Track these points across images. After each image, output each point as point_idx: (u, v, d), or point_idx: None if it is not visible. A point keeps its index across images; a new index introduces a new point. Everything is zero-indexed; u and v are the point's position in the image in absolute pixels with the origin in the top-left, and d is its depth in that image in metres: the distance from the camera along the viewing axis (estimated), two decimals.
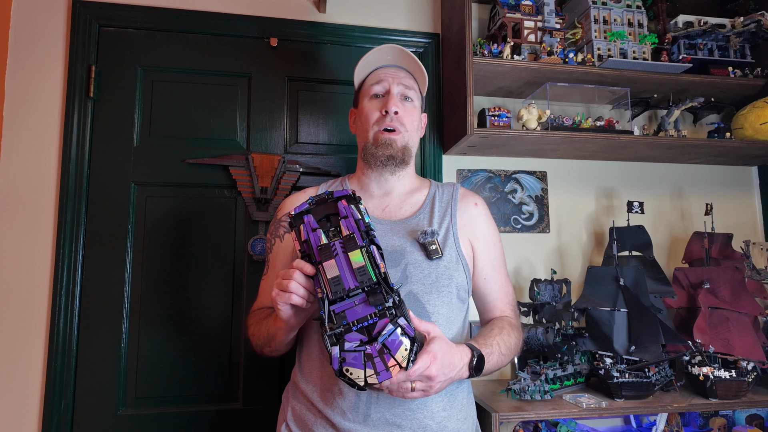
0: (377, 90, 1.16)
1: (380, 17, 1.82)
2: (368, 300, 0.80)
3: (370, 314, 0.79)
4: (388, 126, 1.12)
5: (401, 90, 1.16)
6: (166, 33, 1.68)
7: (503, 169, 1.85)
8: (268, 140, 1.70)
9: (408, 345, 0.78)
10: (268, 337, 1.03)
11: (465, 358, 0.94)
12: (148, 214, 1.61)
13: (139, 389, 1.54)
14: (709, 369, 1.42)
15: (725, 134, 1.76)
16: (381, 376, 0.77)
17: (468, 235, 1.14)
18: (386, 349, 0.77)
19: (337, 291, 0.80)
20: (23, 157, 1.56)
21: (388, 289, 0.80)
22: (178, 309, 1.59)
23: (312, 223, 0.86)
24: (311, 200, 0.89)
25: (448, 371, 0.88)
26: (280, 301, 0.87)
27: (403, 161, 1.14)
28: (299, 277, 0.86)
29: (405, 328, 0.79)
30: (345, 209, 0.87)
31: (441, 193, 1.20)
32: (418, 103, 1.19)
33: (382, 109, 1.13)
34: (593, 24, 1.71)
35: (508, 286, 1.19)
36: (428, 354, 0.84)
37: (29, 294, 1.51)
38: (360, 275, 0.80)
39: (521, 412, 1.30)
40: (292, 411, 1.08)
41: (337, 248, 0.82)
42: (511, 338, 1.08)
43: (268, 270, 1.19)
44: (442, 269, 1.06)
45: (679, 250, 1.87)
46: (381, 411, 0.98)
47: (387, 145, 1.12)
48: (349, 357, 0.77)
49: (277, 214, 1.22)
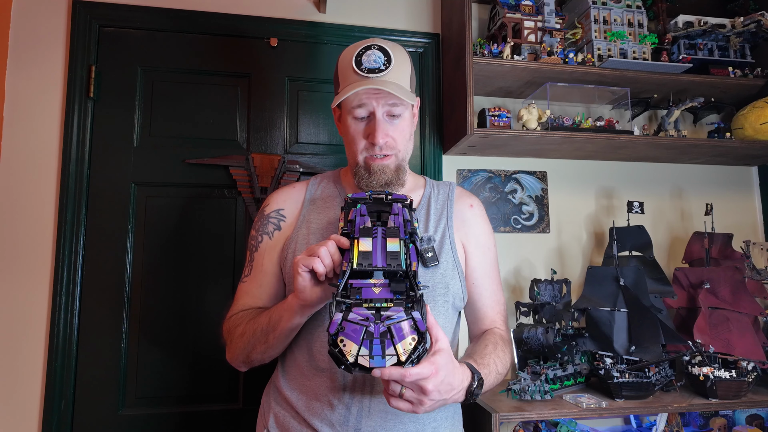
0: (360, 114, 1.02)
1: (380, 17, 1.82)
2: (389, 286, 0.77)
3: (386, 299, 0.76)
4: (378, 154, 1.03)
5: (387, 110, 1.02)
6: (166, 33, 1.68)
7: (503, 169, 1.85)
8: (268, 140, 1.70)
9: (414, 339, 0.72)
10: (266, 329, 0.95)
11: (465, 381, 0.85)
12: (148, 214, 1.61)
13: (139, 389, 1.54)
14: (709, 369, 1.42)
15: (725, 134, 1.76)
16: (374, 360, 0.70)
17: (461, 237, 1.10)
18: (390, 334, 0.71)
19: (363, 264, 0.77)
20: (23, 157, 1.56)
21: (413, 284, 0.77)
22: (178, 309, 1.59)
23: (363, 210, 0.88)
24: (370, 194, 0.92)
25: (445, 391, 0.79)
26: (302, 265, 0.83)
27: (398, 182, 1.06)
28: (332, 246, 0.83)
29: (417, 322, 0.73)
30: (398, 209, 0.89)
31: (437, 193, 1.15)
32: (407, 112, 1.06)
33: (368, 138, 1.02)
34: (593, 24, 1.71)
35: (499, 294, 1.13)
36: (431, 364, 0.75)
37: (29, 294, 1.51)
38: (391, 259, 0.78)
39: (521, 412, 1.30)
40: (275, 417, 1.02)
41: (378, 233, 0.82)
42: (506, 356, 1.03)
43: (251, 271, 1.09)
44: (439, 278, 1.02)
45: (679, 250, 1.87)
46: (372, 425, 0.93)
47: (380, 172, 1.03)
48: (349, 327, 0.72)
49: (264, 209, 1.13)
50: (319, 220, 1.08)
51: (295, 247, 1.05)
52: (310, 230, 1.07)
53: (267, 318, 0.96)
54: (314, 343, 0.99)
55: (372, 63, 1.00)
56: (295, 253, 1.05)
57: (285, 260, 1.06)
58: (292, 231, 1.09)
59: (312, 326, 0.99)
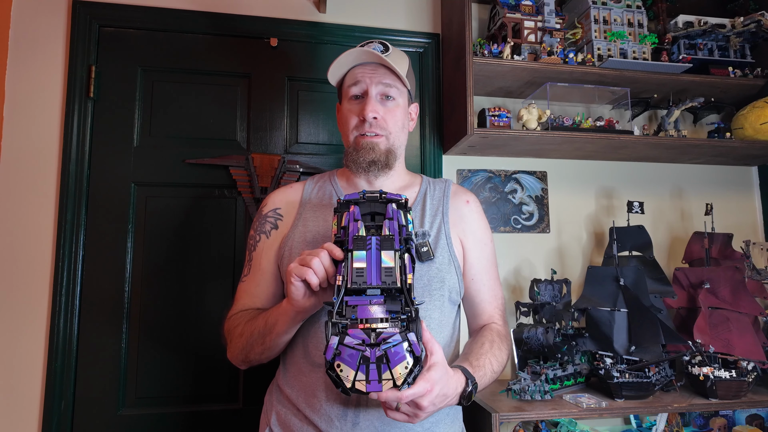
0: (355, 91, 1.08)
1: (380, 17, 1.82)
2: (385, 304, 0.76)
3: (382, 318, 0.75)
4: (368, 132, 1.06)
5: (381, 89, 1.07)
6: (166, 33, 1.68)
7: (503, 169, 1.85)
8: (268, 140, 1.70)
9: (410, 363, 0.73)
10: (263, 331, 0.97)
11: (459, 388, 0.88)
12: (148, 214, 1.61)
13: (139, 389, 1.54)
14: (709, 369, 1.42)
15: (725, 134, 1.76)
16: (371, 385, 0.72)
17: (458, 233, 1.10)
18: (386, 359, 0.72)
19: (358, 282, 0.76)
20: (23, 157, 1.56)
21: (409, 300, 0.76)
22: (178, 309, 1.58)
23: (356, 214, 0.85)
24: (363, 193, 0.89)
25: (439, 402, 0.83)
26: (295, 275, 0.83)
27: (386, 165, 1.08)
28: (325, 257, 0.83)
29: (412, 345, 0.73)
30: (393, 212, 0.86)
31: (432, 190, 1.15)
32: (402, 100, 1.10)
33: (360, 114, 1.06)
34: (593, 24, 1.71)
35: (497, 289, 1.14)
36: (426, 382, 0.78)
37: (29, 294, 1.51)
38: (386, 275, 0.77)
39: (521, 412, 1.30)
40: (277, 416, 1.04)
41: (372, 244, 0.80)
42: (502, 352, 1.04)
43: (250, 270, 1.11)
44: (434, 272, 1.03)
45: (679, 250, 1.87)
46: (369, 418, 0.95)
47: (369, 149, 1.06)
48: (345, 352, 0.72)
49: (262, 209, 1.15)
50: (315, 219, 1.10)
51: (292, 245, 1.06)
52: (307, 228, 1.08)
53: (264, 321, 0.98)
54: (309, 341, 1.00)
55: (371, 48, 1.07)
56: (291, 251, 1.06)
57: (282, 258, 1.07)
58: (289, 230, 1.10)
59: (307, 324, 1.00)
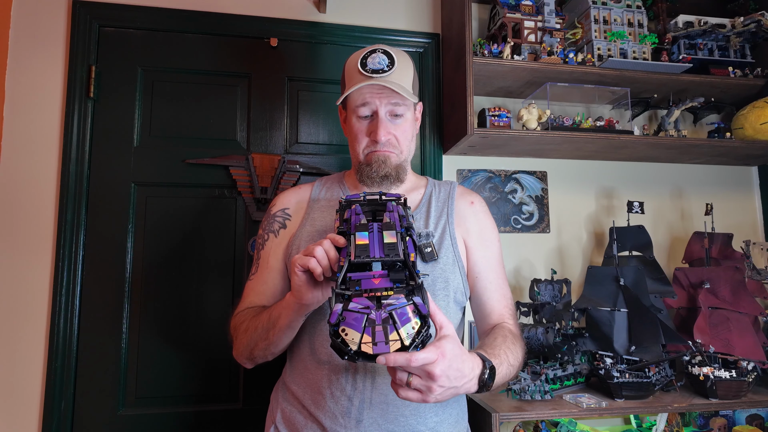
0: (363, 112, 1.07)
1: (380, 17, 1.82)
2: (389, 276, 0.76)
3: (386, 288, 0.75)
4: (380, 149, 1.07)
5: (389, 109, 1.07)
6: (166, 33, 1.68)
7: (503, 169, 1.85)
8: (268, 140, 1.70)
9: (417, 323, 0.70)
10: (267, 326, 0.97)
11: (476, 369, 0.82)
12: (148, 214, 1.61)
13: (139, 389, 1.54)
14: (709, 369, 1.42)
15: (725, 134, 1.76)
16: (378, 347, 0.68)
17: (463, 234, 1.11)
18: (392, 320, 0.70)
19: (361, 255, 0.76)
20: (23, 157, 1.56)
21: (412, 273, 0.76)
22: (178, 309, 1.59)
23: (358, 210, 0.88)
24: (364, 195, 0.93)
25: (455, 378, 0.76)
26: (299, 264, 0.84)
27: (398, 179, 1.09)
28: (328, 245, 0.83)
29: (419, 306, 0.72)
30: (392, 207, 0.89)
31: (438, 191, 1.16)
32: (409, 113, 1.10)
33: (371, 135, 1.06)
34: (593, 24, 1.71)
35: (505, 289, 1.13)
36: (437, 348, 0.73)
37: (29, 294, 1.51)
38: (388, 249, 0.77)
39: (521, 412, 1.30)
40: (282, 413, 1.04)
41: (374, 227, 0.82)
42: (517, 349, 1.01)
43: (258, 269, 1.12)
44: (438, 272, 1.03)
45: (679, 250, 1.87)
46: (373, 416, 0.95)
47: (380, 162, 1.06)
48: (350, 317, 0.71)
49: (271, 209, 1.17)
50: (323, 219, 1.11)
51: (299, 245, 1.08)
52: (315, 228, 1.10)
53: (268, 315, 0.98)
54: (315, 337, 1.01)
55: (376, 64, 1.05)
56: (299, 248, 1.07)
57: (289, 257, 1.09)
58: (297, 228, 1.12)
59: (313, 320, 1.00)
